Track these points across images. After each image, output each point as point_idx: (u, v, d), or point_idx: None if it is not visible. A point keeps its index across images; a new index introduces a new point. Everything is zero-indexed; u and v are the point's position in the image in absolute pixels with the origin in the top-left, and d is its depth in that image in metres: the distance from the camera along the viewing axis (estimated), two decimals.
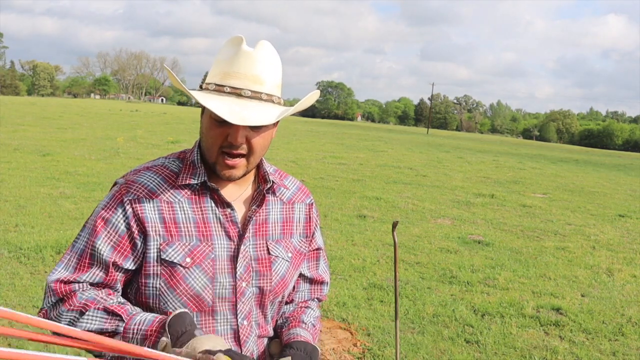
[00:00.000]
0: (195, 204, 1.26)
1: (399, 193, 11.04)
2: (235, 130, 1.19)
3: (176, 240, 1.22)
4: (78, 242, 1.24)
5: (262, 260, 1.31)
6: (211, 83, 1.23)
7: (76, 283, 1.20)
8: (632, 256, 7.18)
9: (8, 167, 10.09)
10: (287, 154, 17.50)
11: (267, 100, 1.22)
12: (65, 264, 1.22)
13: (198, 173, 1.27)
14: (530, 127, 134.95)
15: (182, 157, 1.32)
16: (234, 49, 1.23)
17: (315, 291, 1.52)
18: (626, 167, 28.46)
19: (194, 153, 1.31)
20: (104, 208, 1.24)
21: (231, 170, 1.24)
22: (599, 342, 4.24)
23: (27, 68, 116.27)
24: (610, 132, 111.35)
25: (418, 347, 3.87)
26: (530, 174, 17.99)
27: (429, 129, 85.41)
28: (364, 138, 32.08)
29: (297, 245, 1.41)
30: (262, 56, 1.24)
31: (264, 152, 1.28)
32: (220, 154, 1.23)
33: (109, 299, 1.19)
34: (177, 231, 1.23)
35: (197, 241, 1.23)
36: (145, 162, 1.34)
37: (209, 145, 1.24)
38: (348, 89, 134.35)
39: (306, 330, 1.37)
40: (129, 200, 1.22)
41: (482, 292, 5.21)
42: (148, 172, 1.27)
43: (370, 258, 6.03)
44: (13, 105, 38.17)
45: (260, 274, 1.30)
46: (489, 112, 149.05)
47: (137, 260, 1.23)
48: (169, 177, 1.27)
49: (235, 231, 1.28)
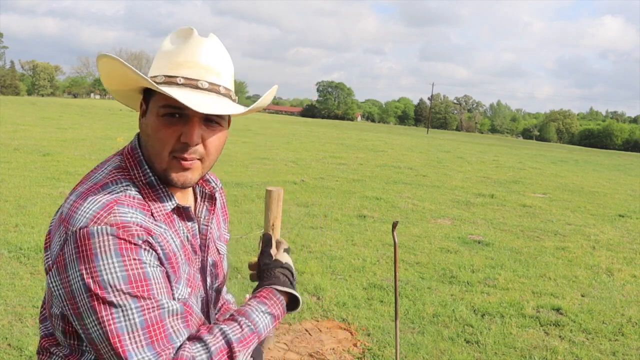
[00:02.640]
0: (172, 228, 1.12)
1: (399, 193, 11.04)
2: (190, 128, 1.04)
3: (179, 275, 1.10)
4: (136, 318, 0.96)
5: (217, 263, 1.27)
6: (159, 75, 1.06)
7: (181, 350, 0.99)
8: (632, 256, 7.18)
9: (8, 167, 10.09)
10: (287, 154, 17.50)
11: (225, 95, 1.09)
12: (141, 351, 0.95)
13: (165, 197, 1.10)
14: (530, 127, 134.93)
15: (130, 178, 1.09)
16: (183, 39, 1.09)
17: None
18: (626, 167, 28.46)
19: (146, 172, 1.10)
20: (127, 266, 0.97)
21: (186, 173, 1.07)
22: (599, 342, 4.24)
23: (27, 68, 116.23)
24: (610, 132, 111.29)
25: (418, 347, 3.87)
26: (530, 174, 17.99)
27: (429, 129, 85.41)
28: (364, 138, 32.08)
29: (225, 235, 1.39)
30: (217, 46, 1.11)
31: (219, 155, 1.15)
32: (172, 158, 1.06)
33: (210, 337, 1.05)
34: (177, 264, 1.09)
35: (187, 267, 1.13)
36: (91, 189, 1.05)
37: (157, 150, 1.06)
38: (348, 89, 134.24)
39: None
40: (143, 242, 1.01)
41: (482, 292, 5.21)
42: (124, 208, 1.02)
43: (370, 258, 6.03)
44: (13, 105, 38.16)
45: (218, 277, 1.27)
46: (489, 112, 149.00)
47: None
48: (142, 207, 1.06)
49: (197, 244, 1.19)
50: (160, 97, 1.05)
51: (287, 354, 3.65)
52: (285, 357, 3.60)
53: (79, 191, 1.06)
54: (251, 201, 8.83)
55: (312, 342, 3.85)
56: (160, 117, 1.05)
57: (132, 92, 1.15)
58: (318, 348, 3.74)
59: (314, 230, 7.20)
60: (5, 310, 3.91)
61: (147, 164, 1.10)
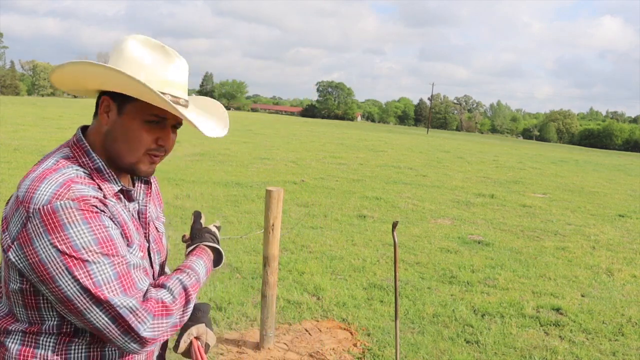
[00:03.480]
0: (120, 204, 1.27)
1: (399, 193, 11.04)
2: (167, 133, 1.25)
3: (132, 240, 1.24)
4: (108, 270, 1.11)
5: (157, 241, 1.41)
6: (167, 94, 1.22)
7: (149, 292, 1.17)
8: (632, 256, 7.18)
9: (8, 167, 10.09)
10: (287, 154, 17.50)
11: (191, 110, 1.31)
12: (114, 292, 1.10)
13: (113, 180, 1.25)
14: (530, 127, 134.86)
15: (79, 164, 1.21)
16: (162, 55, 1.23)
17: None
18: (626, 167, 28.45)
19: (94, 159, 1.23)
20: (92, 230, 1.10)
21: (153, 166, 1.29)
22: (599, 342, 4.24)
23: (27, 68, 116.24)
24: (610, 132, 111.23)
25: (418, 347, 3.87)
26: (530, 174, 17.98)
27: (429, 129, 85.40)
28: (364, 138, 32.07)
29: (161, 217, 1.52)
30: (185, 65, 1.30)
31: None
32: (145, 155, 1.25)
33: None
34: (129, 231, 1.24)
35: (138, 235, 1.28)
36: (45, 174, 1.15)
37: (133, 148, 1.23)
38: (348, 89, 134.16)
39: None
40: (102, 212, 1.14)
41: (482, 292, 5.21)
42: (79, 185, 1.14)
43: (370, 258, 6.03)
44: (13, 105, 38.15)
45: (160, 253, 1.42)
46: (489, 112, 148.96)
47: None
48: (94, 185, 1.20)
49: (138, 223, 1.33)
50: (147, 105, 1.20)
51: (287, 354, 3.65)
52: (285, 357, 3.60)
53: (32, 176, 1.15)
54: (251, 201, 8.83)
55: (312, 342, 3.85)
56: (143, 123, 1.22)
57: (92, 92, 1.30)
58: (318, 348, 3.74)
59: (314, 230, 7.20)
60: None
61: (94, 152, 1.24)
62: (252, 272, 5.17)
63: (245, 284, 4.85)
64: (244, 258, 5.62)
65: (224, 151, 16.33)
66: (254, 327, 3.99)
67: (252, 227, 6.97)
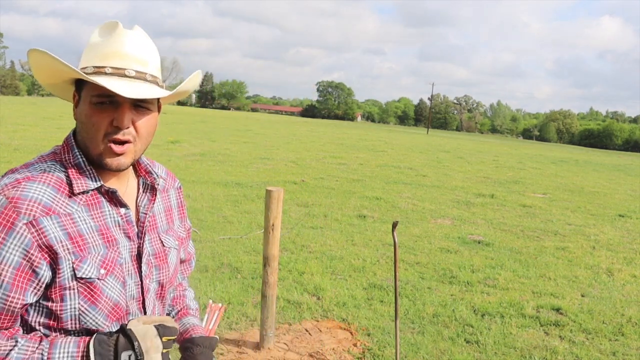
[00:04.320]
0: (93, 210, 1.17)
1: (399, 193, 11.04)
2: (121, 113, 1.12)
3: (87, 254, 1.13)
4: None
5: (159, 255, 1.30)
6: (88, 66, 1.14)
7: None
8: (632, 256, 7.18)
9: (8, 167, 10.07)
10: (287, 154, 17.50)
11: (151, 82, 1.17)
12: None
13: (90, 176, 1.17)
14: (530, 127, 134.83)
15: (59, 160, 1.19)
16: (110, 31, 1.17)
17: (185, 270, 1.57)
18: (626, 167, 28.45)
19: (76, 154, 1.19)
20: None
21: (119, 157, 1.15)
22: (599, 342, 4.24)
23: (27, 68, 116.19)
24: (610, 132, 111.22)
25: (418, 347, 3.87)
26: (530, 174, 17.99)
27: (429, 129, 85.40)
28: (364, 138, 32.07)
29: (178, 232, 1.41)
30: (142, 37, 1.19)
31: (150, 138, 1.22)
32: (106, 142, 1.14)
33: (10, 343, 1.08)
34: (85, 244, 1.13)
35: (105, 250, 1.16)
36: (15, 171, 1.16)
37: (91, 135, 1.14)
38: (348, 89, 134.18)
39: (196, 317, 1.47)
40: (24, 224, 1.06)
41: (482, 292, 5.21)
42: (34, 184, 1.10)
43: (370, 258, 6.03)
44: (13, 105, 38.15)
45: (159, 268, 1.30)
46: (489, 112, 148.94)
47: (38, 291, 1.10)
48: (59, 185, 1.14)
49: (132, 231, 1.23)
50: (92, 86, 1.13)
51: (287, 354, 3.65)
52: (285, 357, 3.60)
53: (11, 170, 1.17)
54: (251, 201, 8.83)
55: (312, 342, 3.85)
56: (92, 105, 1.13)
57: (64, 83, 1.23)
58: (318, 348, 3.74)
59: (314, 230, 7.20)
60: None
61: (78, 149, 1.19)
62: (252, 272, 5.17)
63: (245, 284, 4.85)
64: (244, 258, 5.62)
65: (224, 151, 16.33)
66: (254, 327, 3.99)
67: (252, 227, 6.97)
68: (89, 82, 1.12)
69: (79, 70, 1.11)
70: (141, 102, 1.15)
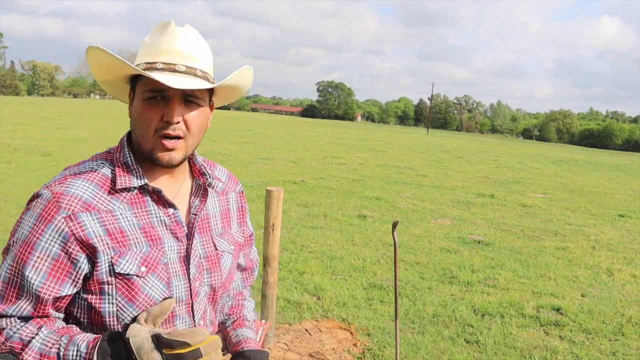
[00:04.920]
0: (137, 208, 1.18)
1: (399, 193, 11.03)
2: (171, 107, 1.14)
3: (127, 250, 1.13)
4: (4, 271, 1.10)
5: (210, 258, 1.27)
6: (141, 63, 1.17)
7: (3, 318, 1.10)
8: (632, 256, 7.18)
9: (8, 167, 10.09)
10: (287, 154, 17.50)
11: (202, 77, 1.17)
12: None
13: (136, 174, 1.18)
14: (530, 127, 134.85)
15: (110, 159, 1.21)
16: (162, 30, 1.19)
17: (247, 279, 1.54)
18: (626, 167, 28.45)
19: (125, 153, 1.21)
20: (30, 231, 1.10)
21: (170, 153, 1.16)
22: (599, 342, 4.24)
23: (27, 68, 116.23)
24: (610, 132, 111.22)
25: (418, 347, 3.87)
26: (530, 174, 17.99)
27: (429, 129, 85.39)
28: (364, 138, 32.07)
29: (236, 236, 1.39)
30: (193, 35, 1.21)
31: (201, 135, 1.22)
32: (157, 137, 1.15)
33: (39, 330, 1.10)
34: (126, 240, 1.14)
35: (147, 247, 1.16)
36: (69, 167, 1.21)
37: (143, 131, 1.16)
38: (348, 89, 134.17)
39: (251, 330, 1.43)
40: (62, 218, 1.09)
41: (482, 292, 5.21)
42: (78, 181, 1.14)
43: (370, 258, 6.03)
44: (13, 105, 38.15)
45: (211, 272, 1.27)
46: (489, 112, 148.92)
47: (76, 283, 1.12)
48: (102, 182, 1.16)
49: (181, 231, 1.22)
50: (144, 82, 1.15)
51: (287, 354, 3.65)
52: (285, 357, 3.60)
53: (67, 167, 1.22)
54: (251, 201, 8.83)
55: (312, 342, 3.85)
56: (144, 101, 1.15)
57: (120, 82, 1.24)
58: (318, 348, 3.74)
59: (314, 230, 7.20)
60: None
61: (129, 148, 1.21)
62: None
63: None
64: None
65: (224, 151, 16.33)
66: None
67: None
68: (141, 79, 1.15)
69: (130, 64, 1.13)
70: (191, 97, 1.16)
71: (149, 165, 1.20)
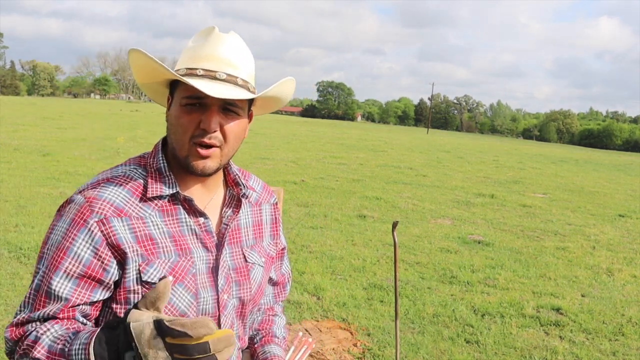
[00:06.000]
0: (168, 216, 1.15)
1: (399, 193, 11.04)
2: (209, 115, 1.11)
3: (156, 259, 1.11)
4: (37, 278, 1.09)
5: (240, 270, 1.24)
6: (181, 68, 1.15)
7: (29, 323, 1.08)
8: (632, 256, 7.18)
9: (8, 167, 10.09)
10: (287, 154, 17.50)
11: (242, 86, 1.15)
12: (23, 305, 1.09)
13: (168, 182, 1.16)
14: (530, 127, 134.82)
15: (144, 164, 1.20)
16: (205, 35, 1.17)
17: (279, 294, 1.50)
18: (626, 167, 28.45)
19: (159, 159, 1.19)
20: (64, 236, 1.08)
21: (205, 160, 1.13)
22: (599, 342, 4.24)
23: (27, 68, 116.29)
24: (610, 132, 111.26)
25: (418, 347, 3.87)
26: (530, 174, 17.98)
27: (429, 129, 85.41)
28: (364, 138, 32.07)
29: (267, 249, 1.35)
30: (237, 42, 1.18)
31: (238, 144, 1.19)
32: (192, 145, 1.13)
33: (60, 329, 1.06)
34: (155, 248, 1.11)
35: (176, 257, 1.13)
36: (102, 172, 1.20)
37: (178, 137, 1.14)
38: (348, 89, 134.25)
39: (280, 347, 1.38)
40: (95, 222, 1.08)
41: (482, 292, 5.21)
42: (110, 186, 1.13)
43: (370, 258, 6.03)
44: (13, 105, 38.16)
45: (240, 284, 1.24)
46: (489, 112, 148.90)
47: (108, 289, 1.10)
48: (134, 189, 1.15)
49: (211, 241, 1.19)
50: (183, 88, 1.13)
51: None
52: None
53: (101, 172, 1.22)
54: None
55: None
56: (182, 107, 1.13)
57: (159, 86, 1.22)
58: (318, 348, 3.74)
59: (314, 230, 7.20)
60: (5, 311, 3.91)
61: (163, 155, 1.20)
62: None
63: None
64: None
65: None
66: None
67: None
68: (181, 84, 1.13)
69: (169, 69, 1.11)
70: (230, 106, 1.13)
71: (182, 173, 1.18)
